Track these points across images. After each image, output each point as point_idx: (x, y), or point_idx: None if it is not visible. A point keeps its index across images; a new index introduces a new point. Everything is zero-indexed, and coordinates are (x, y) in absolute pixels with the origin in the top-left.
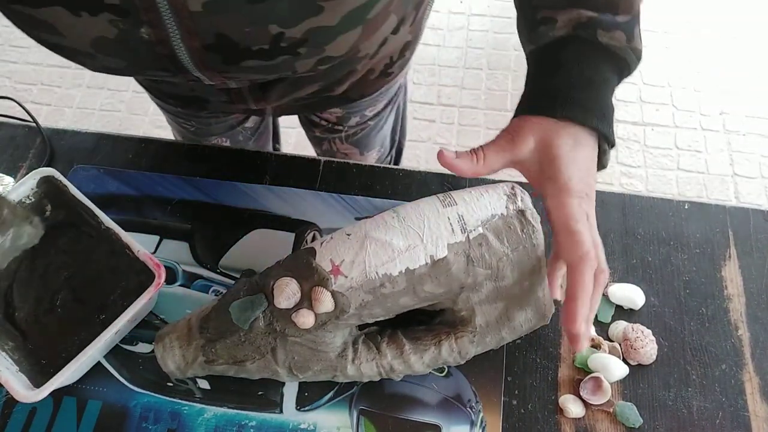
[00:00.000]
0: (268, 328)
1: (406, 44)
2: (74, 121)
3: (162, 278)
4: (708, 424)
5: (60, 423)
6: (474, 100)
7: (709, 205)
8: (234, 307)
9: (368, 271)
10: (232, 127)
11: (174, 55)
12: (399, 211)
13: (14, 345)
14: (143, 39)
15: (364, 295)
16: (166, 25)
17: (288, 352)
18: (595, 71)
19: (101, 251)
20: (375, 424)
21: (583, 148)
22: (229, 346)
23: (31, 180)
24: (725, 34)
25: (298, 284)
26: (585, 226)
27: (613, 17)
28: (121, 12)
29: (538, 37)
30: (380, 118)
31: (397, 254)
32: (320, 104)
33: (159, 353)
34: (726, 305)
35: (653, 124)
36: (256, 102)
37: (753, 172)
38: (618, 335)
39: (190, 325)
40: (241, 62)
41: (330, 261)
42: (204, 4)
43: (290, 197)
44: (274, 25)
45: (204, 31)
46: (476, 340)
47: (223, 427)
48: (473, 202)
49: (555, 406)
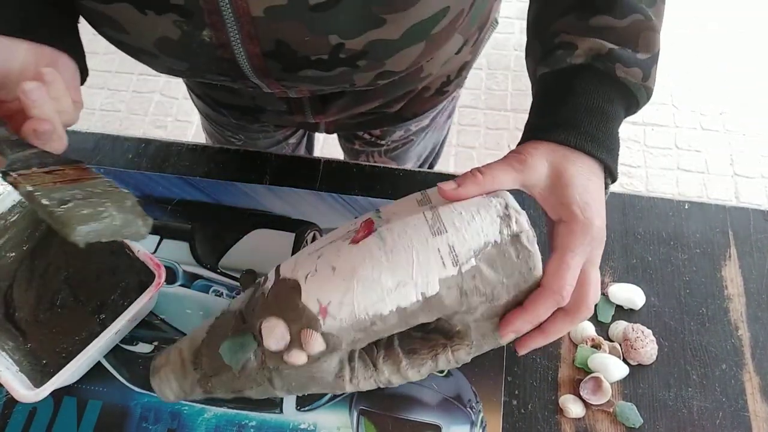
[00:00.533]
0: (261, 366)
1: (464, 64)
2: None
3: (162, 278)
4: (708, 424)
5: (60, 423)
6: (474, 100)
7: (709, 205)
8: (224, 349)
9: (357, 312)
10: (278, 142)
11: (234, 60)
12: (385, 240)
13: (14, 345)
14: (205, 42)
15: (355, 333)
16: (228, 29)
17: (285, 380)
18: (608, 104)
19: (101, 251)
20: (375, 424)
21: (595, 180)
22: (225, 381)
23: None
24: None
25: (286, 326)
26: (576, 264)
27: (634, 53)
28: (185, 13)
29: (554, 61)
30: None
31: (386, 293)
32: (374, 122)
33: (156, 386)
34: (726, 305)
35: (653, 124)
36: (314, 114)
37: (753, 172)
38: (618, 335)
39: (182, 357)
40: (299, 71)
41: (317, 301)
42: (266, 9)
43: (290, 197)
44: (334, 36)
45: (264, 36)
46: (473, 351)
47: (223, 427)
48: (464, 229)
49: (555, 406)
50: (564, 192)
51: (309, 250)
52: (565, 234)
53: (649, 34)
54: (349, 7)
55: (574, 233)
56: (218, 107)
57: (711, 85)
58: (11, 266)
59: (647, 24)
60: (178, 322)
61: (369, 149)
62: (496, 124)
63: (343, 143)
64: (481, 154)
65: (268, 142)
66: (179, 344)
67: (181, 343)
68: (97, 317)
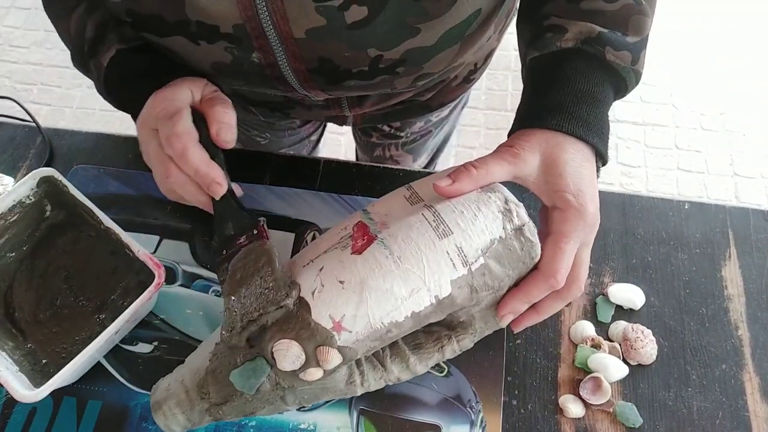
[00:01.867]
0: (275, 387)
1: (491, 51)
2: (74, 121)
3: (162, 278)
4: (708, 424)
5: (60, 423)
6: (474, 100)
7: (709, 205)
8: (235, 376)
9: (373, 323)
10: (302, 139)
11: (282, 77)
12: (391, 248)
13: (14, 345)
14: (255, 63)
15: (371, 343)
16: (274, 51)
17: (297, 396)
18: (598, 88)
19: (101, 251)
20: (375, 424)
21: (587, 165)
22: (237, 407)
23: (31, 180)
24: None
25: (300, 346)
26: (571, 249)
27: (623, 37)
28: (234, 39)
29: (543, 44)
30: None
31: (401, 302)
32: (402, 113)
33: (161, 422)
34: (726, 305)
35: (653, 124)
36: (351, 108)
37: (753, 172)
38: (618, 335)
39: (186, 389)
40: (343, 82)
41: (329, 317)
42: (307, 31)
43: (290, 197)
44: (372, 49)
45: (307, 55)
46: (476, 338)
47: (223, 427)
48: (469, 229)
49: (555, 406)
50: (557, 180)
51: (303, 261)
52: (560, 221)
53: (639, 18)
54: (384, 21)
55: (569, 220)
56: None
57: (711, 85)
58: (11, 266)
59: (637, 8)
60: (178, 322)
61: (387, 142)
62: (496, 124)
63: (359, 137)
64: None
65: (292, 140)
66: (179, 375)
67: (181, 373)
68: (97, 317)
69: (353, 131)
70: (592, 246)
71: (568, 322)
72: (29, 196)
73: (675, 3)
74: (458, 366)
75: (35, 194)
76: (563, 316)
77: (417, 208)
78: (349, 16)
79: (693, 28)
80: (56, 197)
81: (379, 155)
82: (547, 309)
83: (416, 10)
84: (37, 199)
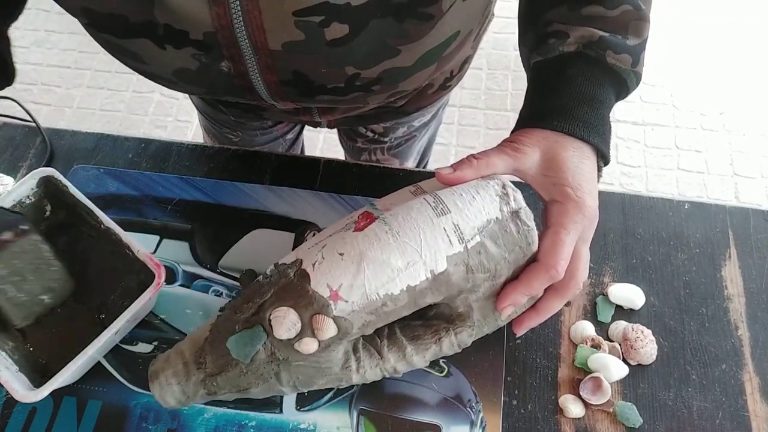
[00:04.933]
0: (270, 357)
1: (467, 58)
2: (74, 121)
3: (162, 278)
4: (708, 424)
5: (60, 423)
6: (474, 100)
7: (709, 205)
8: (232, 343)
9: (369, 293)
10: (276, 138)
11: (251, 87)
12: (391, 225)
13: (14, 345)
14: (222, 71)
15: (366, 316)
16: (246, 61)
17: (292, 374)
18: (599, 90)
19: (101, 251)
20: (375, 424)
21: (588, 162)
22: (232, 378)
23: (31, 180)
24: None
25: (296, 314)
26: (570, 240)
27: (623, 40)
28: (203, 47)
29: (546, 49)
30: (426, 128)
31: (396, 273)
32: (376, 117)
33: (156, 391)
34: (726, 305)
35: (653, 124)
36: (322, 115)
37: (753, 172)
38: (618, 335)
39: (184, 359)
40: (316, 96)
41: (327, 286)
42: (283, 44)
43: (290, 197)
44: (350, 67)
45: (281, 68)
46: (474, 333)
47: (223, 427)
48: (467, 208)
49: (555, 406)
50: (557, 174)
51: (308, 244)
52: (559, 213)
53: (639, 23)
54: (365, 41)
55: (568, 212)
56: (219, 105)
57: (711, 85)
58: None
59: (637, 14)
60: (178, 322)
61: (372, 146)
62: (496, 124)
63: (344, 141)
64: None
65: (265, 139)
66: (179, 346)
67: (181, 344)
68: (97, 317)
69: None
70: (590, 245)
71: (568, 322)
72: (29, 196)
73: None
74: (458, 366)
75: (35, 194)
76: (563, 316)
77: (421, 196)
78: (329, 33)
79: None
80: (56, 197)
81: (365, 160)
82: (546, 308)
83: (397, 31)
84: (37, 199)
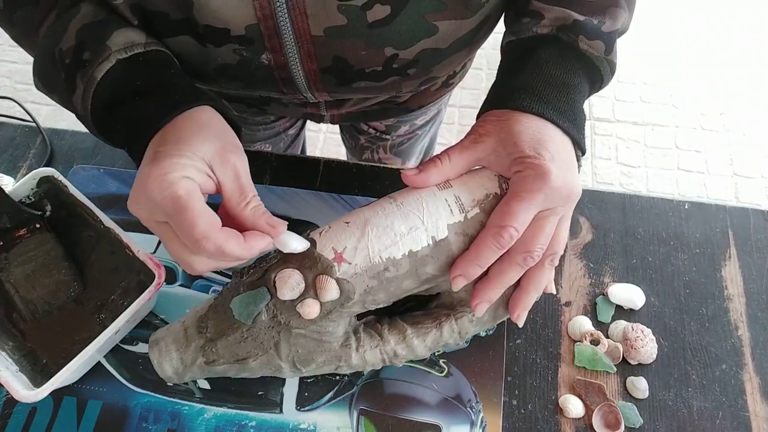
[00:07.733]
0: (271, 322)
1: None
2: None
3: (162, 278)
4: (708, 424)
5: (60, 423)
6: (474, 100)
7: (709, 205)
8: (235, 303)
9: (372, 256)
10: (278, 133)
11: (291, 78)
12: (396, 197)
13: (14, 345)
14: (262, 64)
15: (369, 281)
16: (287, 50)
17: (292, 346)
18: (570, 75)
19: (101, 251)
20: (375, 424)
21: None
22: (231, 344)
23: (31, 180)
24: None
25: (301, 275)
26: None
27: (598, 27)
28: (245, 41)
29: (519, 29)
30: (428, 126)
31: (399, 237)
32: (379, 113)
33: (155, 358)
34: (726, 305)
35: (653, 124)
36: (328, 108)
37: (753, 172)
38: (618, 335)
39: (185, 327)
40: (353, 83)
41: (332, 249)
42: (326, 29)
43: (290, 197)
44: (389, 48)
45: (322, 54)
46: (475, 319)
47: (223, 427)
48: (468, 183)
49: (555, 406)
50: (514, 148)
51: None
52: (515, 181)
53: (615, 10)
54: (405, 19)
55: (524, 179)
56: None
57: (711, 85)
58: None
59: (614, 1)
60: None
61: (374, 145)
62: None
63: (347, 139)
64: None
65: (267, 134)
66: (183, 318)
67: (185, 317)
68: (97, 317)
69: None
70: (590, 244)
71: (567, 323)
72: (29, 196)
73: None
74: (458, 366)
75: (35, 194)
76: (563, 316)
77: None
78: (371, 15)
79: (693, 27)
80: (56, 197)
81: (368, 158)
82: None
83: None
84: (37, 199)
